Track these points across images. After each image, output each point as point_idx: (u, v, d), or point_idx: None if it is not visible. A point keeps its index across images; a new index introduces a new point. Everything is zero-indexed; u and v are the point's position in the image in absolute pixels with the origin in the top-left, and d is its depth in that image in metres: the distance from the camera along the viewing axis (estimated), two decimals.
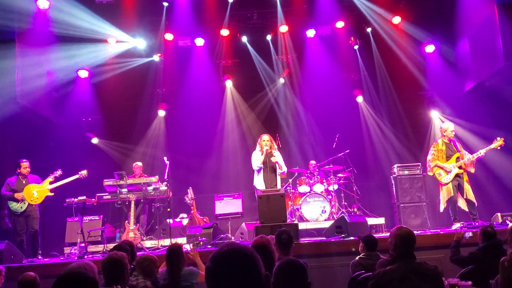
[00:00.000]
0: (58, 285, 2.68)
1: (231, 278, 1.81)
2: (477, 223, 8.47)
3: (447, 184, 8.98)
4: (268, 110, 13.15)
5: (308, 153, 12.24)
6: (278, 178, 9.48)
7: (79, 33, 11.11)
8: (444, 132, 9.20)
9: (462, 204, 8.99)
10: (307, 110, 12.86)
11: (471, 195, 8.90)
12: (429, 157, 9.32)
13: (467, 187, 8.95)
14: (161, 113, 13.01)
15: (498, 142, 8.83)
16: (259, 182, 9.40)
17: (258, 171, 9.43)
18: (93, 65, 12.31)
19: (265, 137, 9.51)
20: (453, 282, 4.32)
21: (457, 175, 8.97)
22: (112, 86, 12.60)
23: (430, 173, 9.32)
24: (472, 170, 8.99)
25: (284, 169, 9.67)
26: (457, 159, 9.00)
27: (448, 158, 9.07)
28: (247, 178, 12.03)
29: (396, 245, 4.05)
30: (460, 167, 8.96)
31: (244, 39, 12.66)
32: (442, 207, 9.14)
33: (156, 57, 12.61)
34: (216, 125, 13.06)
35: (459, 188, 8.97)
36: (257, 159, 9.42)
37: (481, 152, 8.89)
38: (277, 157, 9.49)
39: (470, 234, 6.47)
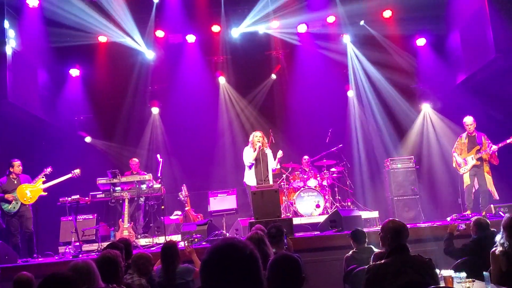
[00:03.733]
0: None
1: (227, 272, 1.78)
2: (471, 215, 8.56)
3: (464, 174, 9.52)
4: (260, 106, 13.15)
5: (301, 148, 12.24)
6: (270, 174, 9.48)
7: (70, 31, 11.08)
8: (464, 125, 9.63)
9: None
10: (300, 105, 12.83)
11: (491, 186, 9.28)
12: (453, 149, 9.87)
13: (488, 178, 9.32)
14: (154, 110, 13.01)
15: None
16: (250, 178, 9.40)
17: (250, 167, 9.43)
18: (85, 64, 12.29)
19: (257, 133, 9.48)
20: (447, 274, 4.34)
21: (475, 166, 9.39)
22: (104, 85, 12.56)
23: (454, 164, 9.82)
24: (494, 162, 9.37)
25: (276, 166, 9.71)
26: (477, 151, 9.38)
27: (469, 150, 9.50)
28: (241, 174, 12.03)
29: (389, 238, 4.07)
30: (479, 159, 9.34)
31: (236, 35, 12.61)
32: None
33: (148, 54, 12.54)
34: (209, 122, 13.04)
35: (478, 178, 9.38)
36: (249, 155, 9.40)
37: (494, 147, 9.18)
38: (269, 154, 9.50)
39: (464, 226, 6.50)
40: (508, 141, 9.01)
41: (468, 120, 9.52)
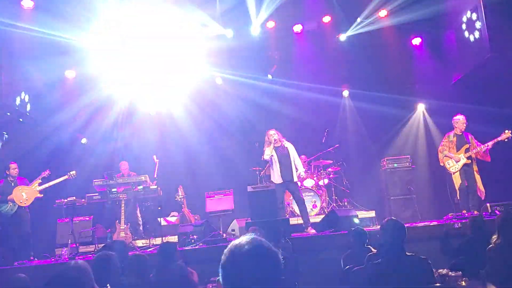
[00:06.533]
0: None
1: (252, 275, 1.74)
2: (466, 214, 8.58)
3: (455, 173, 9.41)
4: (257, 106, 13.12)
5: (298, 148, 12.15)
6: (294, 170, 9.36)
7: (68, 32, 11.04)
8: (456, 124, 9.55)
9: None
10: (296, 105, 12.83)
11: (480, 186, 9.27)
12: (439, 148, 9.77)
13: (477, 177, 9.32)
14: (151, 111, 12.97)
15: (506, 135, 9.07)
16: (274, 175, 9.32)
17: (271, 163, 9.35)
18: (82, 65, 12.23)
19: (271, 131, 9.48)
20: (443, 272, 4.35)
21: (465, 165, 9.33)
22: (100, 86, 12.49)
23: (442, 164, 9.67)
24: (488, 159, 9.33)
25: (300, 168, 9.56)
26: (467, 150, 9.36)
27: (458, 149, 9.44)
28: (237, 174, 12.04)
29: (388, 237, 4.08)
30: (469, 158, 9.31)
31: (230, 34, 12.56)
32: (458, 194, 9.50)
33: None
34: (206, 122, 13.02)
35: (468, 177, 9.31)
36: (265, 151, 9.38)
37: (489, 144, 9.17)
38: (290, 148, 9.51)
39: (459, 225, 6.52)
40: (499, 138, 9.05)
41: (462, 118, 9.50)
